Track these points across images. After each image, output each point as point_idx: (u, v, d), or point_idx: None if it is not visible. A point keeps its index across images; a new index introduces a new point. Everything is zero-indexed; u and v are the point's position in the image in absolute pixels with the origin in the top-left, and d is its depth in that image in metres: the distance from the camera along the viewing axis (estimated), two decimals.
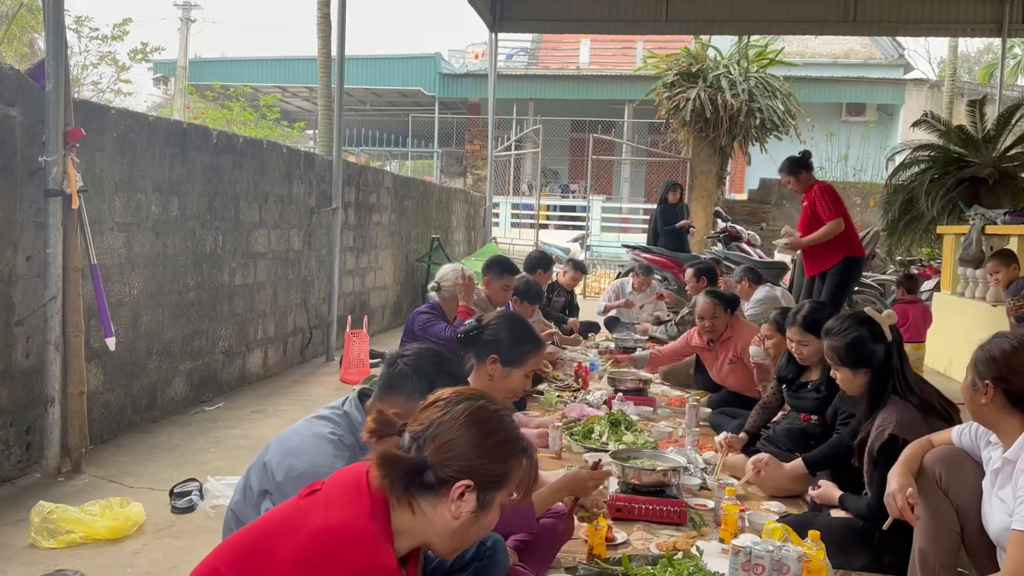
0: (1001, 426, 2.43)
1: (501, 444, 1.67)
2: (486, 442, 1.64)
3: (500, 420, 1.70)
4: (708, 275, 7.06)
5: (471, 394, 1.73)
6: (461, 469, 1.61)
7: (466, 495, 1.61)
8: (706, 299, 5.36)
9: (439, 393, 1.74)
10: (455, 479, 1.60)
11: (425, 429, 1.65)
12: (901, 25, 11.82)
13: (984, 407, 2.44)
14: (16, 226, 3.85)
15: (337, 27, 7.55)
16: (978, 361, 2.47)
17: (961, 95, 18.18)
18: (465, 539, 1.68)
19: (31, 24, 16.02)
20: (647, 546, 3.07)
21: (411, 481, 1.61)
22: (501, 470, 1.66)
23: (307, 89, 20.60)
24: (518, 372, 2.81)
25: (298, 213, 6.95)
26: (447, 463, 1.61)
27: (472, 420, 1.65)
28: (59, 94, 3.83)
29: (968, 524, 2.55)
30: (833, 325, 3.22)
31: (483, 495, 1.63)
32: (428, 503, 1.62)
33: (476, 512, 1.63)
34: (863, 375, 3.11)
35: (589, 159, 16.13)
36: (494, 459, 1.65)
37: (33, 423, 3.99)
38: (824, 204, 6.54)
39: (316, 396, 5.93)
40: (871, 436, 2.98)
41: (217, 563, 1.59)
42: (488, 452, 1.64)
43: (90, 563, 3.05)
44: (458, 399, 1.69)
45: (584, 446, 4.36)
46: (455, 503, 1.61)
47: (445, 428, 1.64)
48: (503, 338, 2.83)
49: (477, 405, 1.69)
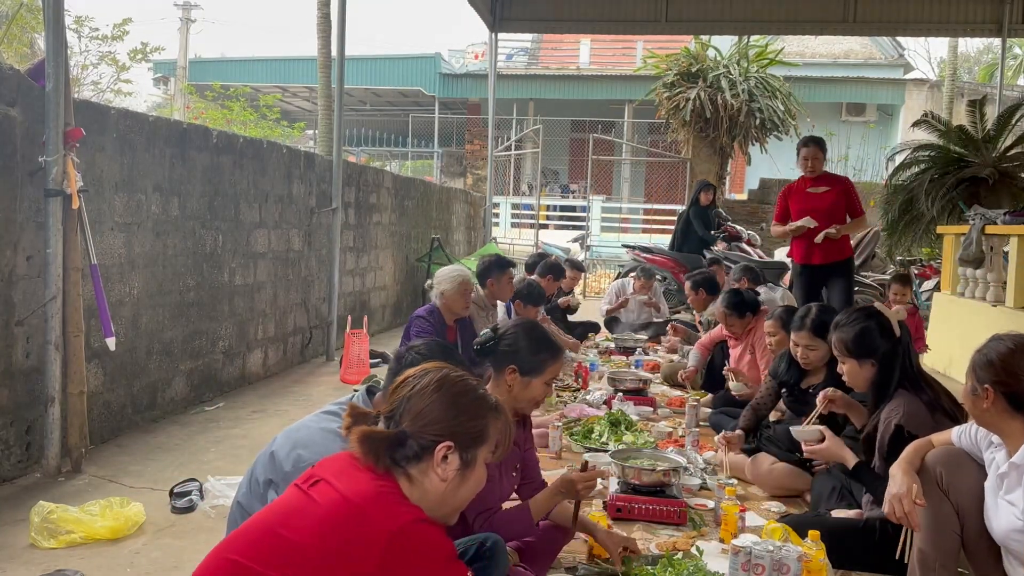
0: (1004, 430, 2.42)
1: (472, 402, 1.76)
2: (457, 402, 1.73)
3: (467, 383, 1.79)
4: (706, 286, 6.81)
5: (434, 367, 1.82)
6: (439, 432, 1.69)
7: (449, 456, 1.69)
8: (719, 307, 5.40)
9: (405, 374, 1.81)
10: (436, 442, 1.68)
11: (398, 406, 1.73)
12: (901, 25, 11.82)
13: (986, 412, 2.42)
14: (16, 226, 3.85)
15: (337, 27, 7.55)
16: (976, 366, 2.46)
17: (961, 95, 18.19)
18: (457, 500, 1.75)
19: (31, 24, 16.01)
20: (647, 546, 3.07)
21: (395, 453, 1.68)
22: (478, 426, 1.74)
23: (307, 89, 20.60)
24: (538, 381, 2.77)
25: (298, 213, 6.95)
26: (424, 429, 1.69)
27: (440, 385, 1.74)
28: (59, 94, 3.83)
29: (968, 525, 2.54)
30: (842, 318, 3.22)
31: (465, 453, 1.71)
32: (418, 471, 1.68)
33: (461, 470, 1.71)
34: (870, 367, 3.08)
35: (589, 159, 16.13)
36: (469, 416, 1.73)
37: (33, 423, 3.99)
38: (858, 197, 6.44)
39: (316, 396, 5.93)
40: (879, 429, 2.96)
41: (229, 554, 1.61)
42: (462, 411, 1.73)
43: (90, 563, 3.05)
44: (423, 373, 1.79)
45: (584, 446, 4.36)
46: (440, 466, 1.68)
47: (416, 399, 1.72)
48: (520, 347, 2.78)
49: (442, 374, 1.78)
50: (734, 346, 5.43)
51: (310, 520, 1.59)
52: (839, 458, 3.10)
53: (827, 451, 3.13)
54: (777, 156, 15.56)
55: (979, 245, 7.22)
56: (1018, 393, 2.37)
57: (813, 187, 6.33)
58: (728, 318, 5.29)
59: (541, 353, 2.79)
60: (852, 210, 6.33)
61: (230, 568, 1.59)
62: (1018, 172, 9.54)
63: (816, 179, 6.35)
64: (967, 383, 2.49)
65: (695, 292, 6.84)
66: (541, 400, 2.91)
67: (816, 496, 3.51)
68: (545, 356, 2.79)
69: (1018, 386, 2.37)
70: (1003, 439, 2.45)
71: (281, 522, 1.62)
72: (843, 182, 6.43)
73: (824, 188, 6.32)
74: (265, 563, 1.56)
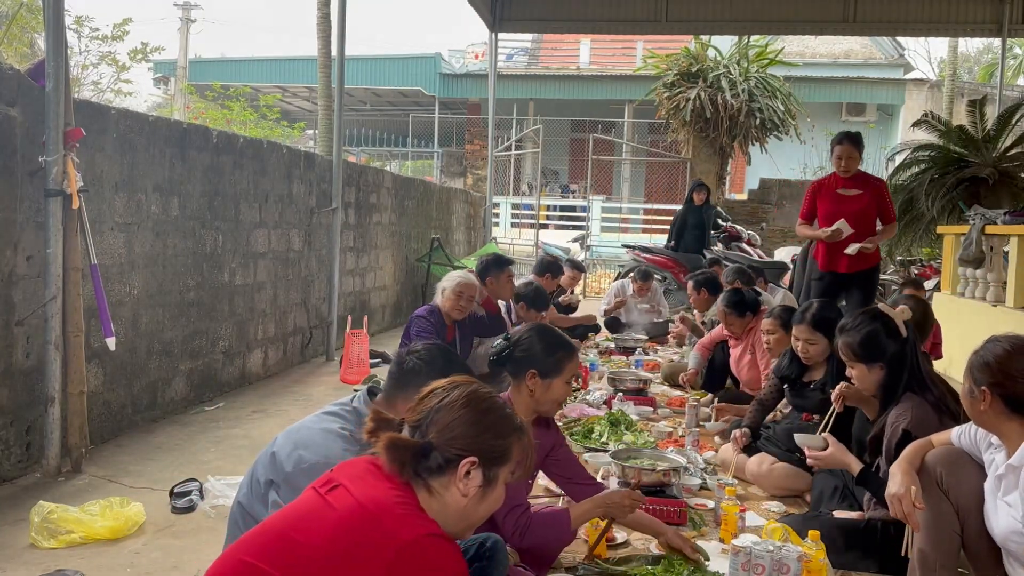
0: (1003, 431, 2.42)
1: (499, 421, 1.75)
2: (484, 419, 1.73)
3: (494, 401, 1.79)
4: (708, 286, 6.75)
5: (464, 381, 1.82)
6: (465, 447, 1.69)
7: (472, 472, 1.68)
8: (719, 306, 5.41)
9: (432, 385, 1.81)
10: (460, 457, 1.68)
11: (424, 417, 1.73)
12: (901, 25, 11.82)
13: (984, 413, 2.42)
14: (16, 226, 3.85)
15: (337, 27, 7.55)
16: (973, 367, 2.45)
17: (961, 95, 18.18)
18: (475, 517, 1.75)
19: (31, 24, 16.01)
20: (647, 546, 3.07)
21: (419, 464, 1.68)
22: (502, 445, 1.74)
23: (307, 89, 20.59)
24: (559, 381, 2.77)
25: (298, 213, 6.95)
26: (450, 443, 1.69)
27: (469, 401, 1.74)
28: (59, 94, 3.83)
29: (968, 525, 2.54)
30: (847, 322, 3.19)
31: (488, 471, 1.71)
32: (440, 484, 1.68)
33: (483, 488, 1.71)
34: (879, 370, 3.05)
35: (589, 159, 16.13)
36: (494, 435, 1.73)
37: (33, 423, 3.99)
38: (891, 201, 6.03)
39: (316, 396, 5.93)
40: (886, 432, 2.95)
41: (243, 555, 1.61)
42: (488, 428, 1.72)
43: (90, 563, 3.05)
44: (452, 387, 1.78)
45: (584, 446, 4.36)
46: (463, 481, 1.68)
47: (444, 412, 1.72)
48: (536, 351, 2.78)
49: (471, 389, 1.78)
50: (734, 346, 5.43)
51: (324, 524, 1.59)
52: (843, 465, 3.06)
53: (831, 458, 3.07)
54: (777, 156, 15.56)
55: (979, 245, 7.21)
56: (1015, 395, 2.36)
57: (844, 188, 5.82)
58: (728, 317, 5.29)
59: (557, 352, 2.80)
60: (884, 215, 5.87)
61: (241, 568, 1.59)
62: (1018, 172, 9.55)
63: (849, 179, 5.81)
64: (964, 385, 2.49)
65: (697, 292, 6.80)
66: (563, 400, 2.92)
67: (816, 496, 3.51)
68: (561, 355, 2.80)
69: (1015, 388, 2.36)
70: (1001, 440, 2.45)
71: (294, 525, 1.62)
72: (877, 185, 5.92)
73: (856, 191, 5.80)
74: (272, 563, 1.57)
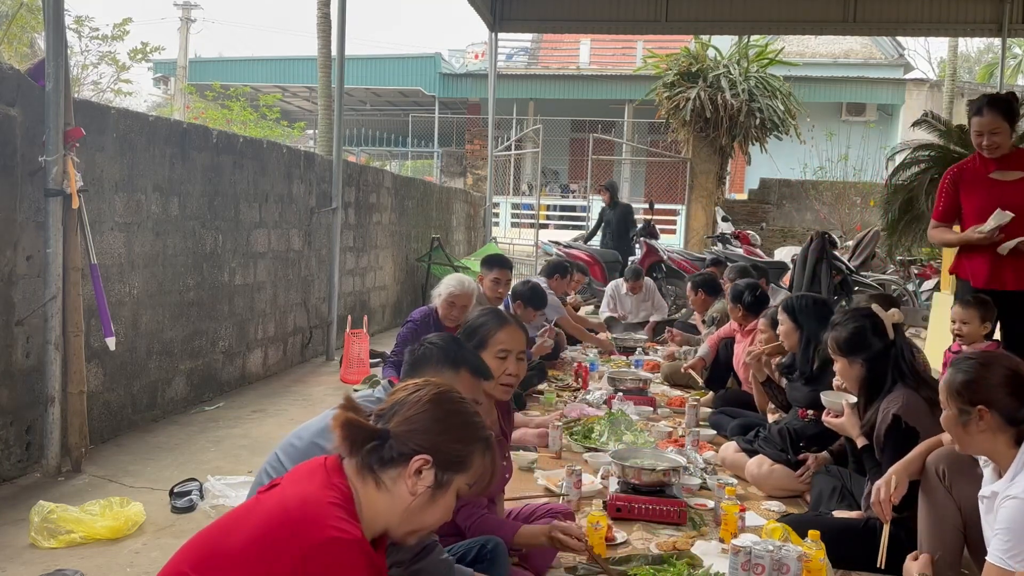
0: (998, 448, 2.35)
1: (463, 426, 1.71)
2: (447, 420, 1.68)
3: (464, 405, 1.75)
4: (706, 287, 6.71)
5: (438, 382, 1.79)
6: (422, 444, 1.64)
7: (424, 471, 1.63)
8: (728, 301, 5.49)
9: (407, 381, 1.79)
10: (414, 452, 1.63)
11: (390, 408, 1.69)
12: (901, 25, 11.80)
13: (980, 434, 2.34)
14: (16, 226, 3.85)
15: (337, 27, 7.55)
16: (957, 391, 2.36)
17: (961, 95, 18.16)
18: (420, 521, 1.68)
19: (31, 24, 16.02)
20: (647, 546, 3.07)
21: (373, 453, 1.63)
22: (461, 451, 1.68)
23: (307, 89, 20.57)
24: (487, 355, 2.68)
25: (298, 213, 6.95)
26: (408, 436, 1.64)
27: (436, 400, 1.70)
28: (59, 94, 3.83)
29: (971, 522, 2.54)
30: (838, 318, 3.27)
31: (441, 474, 1.65)
32: (390, 478, 1.64)
33: (433, 490, 1.65)
34: (859, 366, 3.12)
35: (589, 159, 16.12)
36: (455, 439, 1.68)
37: (33, 423, 3.99)
38: None
39: (316, 396, 5.93)
40: (877, 422, 2.98)
41: (181, 565, 1.58)
42: (449, 430, 1.68)
43: (90, 563, 3.05)
44: (425, 384, 1.75)
45: (584, 446, 4.37)
46: (412, 478, 1.63)
47: (409, 404, 1.68)
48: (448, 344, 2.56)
49: (443, 389, 1.74)
50: (740, 341, 5.45)
51: (248, 525, 1.56)
52: (850, 434, 3.19)
53: (841, 425, 3.23)
54: (777, 156, 15.54)
55: None
56: (1007, 405, 2.31)
57: (1000, 172, 4.23)
58: (734, 312, 5.34)
59: (473, 337, 2.73)
60: None
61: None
62: None
63: (1002, 159, 4.22)
64: (949, 412, 2.39)
65: (695, 293, 6.80)
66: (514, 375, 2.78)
67: (816, 496, 3.52)
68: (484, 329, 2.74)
69: (1004, 399, 2.32)
70: (994, 459, 2.38)
71: (226, 528, 1.59)
72: None
73: (1018, 174, 4.20)
74: (196, 568, 1.55)
